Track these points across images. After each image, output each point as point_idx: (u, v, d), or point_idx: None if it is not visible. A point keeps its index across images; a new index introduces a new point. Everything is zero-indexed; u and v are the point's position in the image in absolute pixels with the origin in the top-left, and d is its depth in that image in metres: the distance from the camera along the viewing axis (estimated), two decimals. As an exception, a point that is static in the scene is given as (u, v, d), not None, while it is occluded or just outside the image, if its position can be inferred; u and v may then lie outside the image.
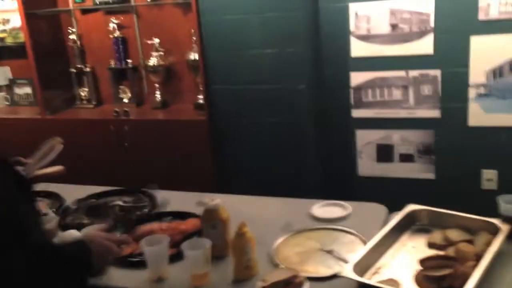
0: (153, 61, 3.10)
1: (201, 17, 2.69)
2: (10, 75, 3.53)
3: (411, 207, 1.53)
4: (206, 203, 1.46)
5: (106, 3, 3.09)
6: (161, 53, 3.10)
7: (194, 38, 2.84)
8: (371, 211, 1.69)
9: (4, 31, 3.36)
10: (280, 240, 1.50)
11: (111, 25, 3.15)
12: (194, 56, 2.93)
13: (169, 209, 1.79)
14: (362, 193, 2.77)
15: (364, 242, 1.43)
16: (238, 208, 1.60)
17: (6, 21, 3.34)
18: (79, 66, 3.34)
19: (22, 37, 3.17)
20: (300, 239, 1.52)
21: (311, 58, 2.67)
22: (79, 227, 1.61)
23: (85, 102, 3.37)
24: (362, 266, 1.27)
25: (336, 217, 1.64)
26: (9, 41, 3.34)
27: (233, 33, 2.65)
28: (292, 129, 2.68)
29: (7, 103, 3.56)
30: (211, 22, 2.68)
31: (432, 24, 2.53)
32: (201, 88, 2.89)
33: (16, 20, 3.24)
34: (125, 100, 3.28)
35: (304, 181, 2.69)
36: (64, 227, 1.63)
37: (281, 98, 2.65)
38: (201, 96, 2.96)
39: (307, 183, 2.68)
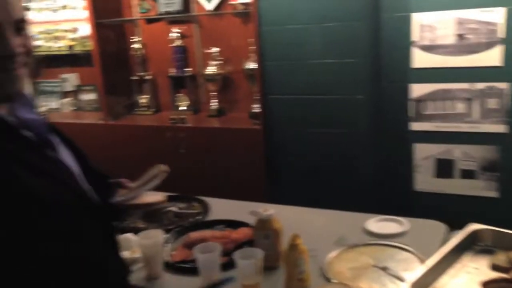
0: (211, 70, 3.15)
1: (261, 26, 2.71)
2: (77, 82, 3.70)
3: (473, 226, 1.45)
4: (259, 213, 1.45)
5: (169, 13, 3.19)
6: (219, 62, 3.15)
7: (253, 47, 2.87)
8: (429, 229, 1.62)
9: (73, 39, 3.53)
10: (333, 254, 1.47)
11: (173, 34, 3.23)
12: (251, 65, 2.95)
13: (221, 217, 1.79)
14: (419, 209, 2.67)
15: (422, 261, 1.37)
16: (291, 219, 1.58)
17: (75, 30, 3.51)
18: (140, 73, 3.45)
19: (89, 45, 3.32)
20: (354, 254, 1.48)
21: (370, 68, 2.62)
22: (135, 231, 1.64)
23: (144, 108, 3.47)
24: (420, 286, 1.21)
25: (392, 233, 1.59)
26: (78, 49, 3.50)
27: (292, 42, 2.65)
28: (349, 140, 2.63)
29: (73, 108, 3.73)
30: (270, 32, 2.69)
31: (501, 35, 2.42)
32: (257, 97, 2.91)
33: (84, 29, 3.40)
34: (183, 108, 3.35)
35: (358, 194, 2.64)
36: (120, 230, 1.68)
37: (338, 109, 2.61)
38: (256, 105, 2.97)
39: (362, 196, 2.62)
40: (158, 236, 1.45)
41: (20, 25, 1.01)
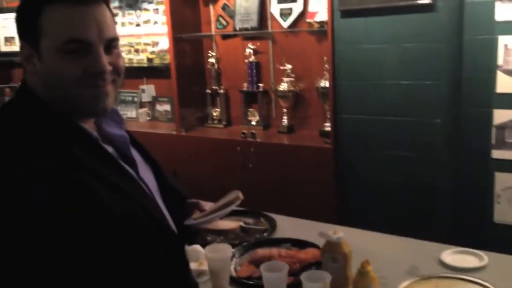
0: (283, 86, 3.16)
1: (336, 45, 2.68)
2: (154, 93, 3.85)
3: None
4: (328, 234, 1.42)
5: (245, 29, 3.24)
6: (292, 79, 3.15)
7: (327, 66, 2.85)
8: (510, 264, 1.51)
9: (153, 52, 3.68)
10: (404, 284, 1.40)
11: (248, 50, 3.28)
12: (324, 83, 2.93)
13: (288, 235, 1.77)
14: (498, 242, 2.50)
15: (503, 300, 1.28)
16: (361, 244, 1.53)
17: (155, 44, 3.67)
18: (214, 87, 3.52)
19: (168, 58, 3.44)
20: (427, 286, 1.40)
21: (450, 92, 2.52)
22: (201, 242, 1.65)
23: (216, 121, 3.54)
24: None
25: (469, 267, 1.49)
26: (157, 62, 3.65)
27: (368, 62, 2.60)
28: (424, 165, 2.53)
29: (149, 118, 3.88)
30: (345, 51, 2.66)
31: None
32: (329, 116, 2.87)
33: (164, 43, 3.53)
34: (253, 123, 3.38)
35: (432, 222, 2.52)
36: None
37: (414, 132, 2.52)
38: (327, 124, 2.94)
39: (436, 225, 2.50)
40: (226, 251, 1.45)
41: (111, 43, 1.05)
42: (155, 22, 3.66)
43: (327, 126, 2.94)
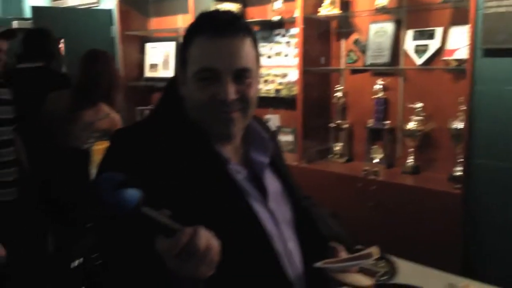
0: (411, 125, 3.04)
1: (475, 85, 2.53)
2: (278, 123, 3.93)
3: None
4: (457, 287, 1.30)
5: (375, 65, 3.20)
6: (422, 118, 3.02)
7: (462, 106, 2.68)
8: None
9: (281, 83, 3.78)
10: None
11: (377, 86, 3.22)
12: (458, 125, 2.76)
13: (410, 282, 1.66)
14: None
15: None
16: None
17: (284, 75, 3.77)
18: (338, 121, 3.50)
19: (295, 90, 3.51)
20: None
21: None
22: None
23: (337, 156, 3.49)
24: None
25: None
26: (284, 93, 3.74)
27: (512, 106, 2.41)
28: None
29: (271, 147, 3.96)
30: (486, 92, 2.49)
31: None
32: (460, 160, 2.68)
33: (293, 75, 3.61)
34: (376, 160, 3.27)
35: None
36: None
37: None
38: (458, 168, 2.74)
39: None
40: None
41: (242, 73, 1.09)
42: (286, 55, 3.77)
43: (458, 171, 2.74)
